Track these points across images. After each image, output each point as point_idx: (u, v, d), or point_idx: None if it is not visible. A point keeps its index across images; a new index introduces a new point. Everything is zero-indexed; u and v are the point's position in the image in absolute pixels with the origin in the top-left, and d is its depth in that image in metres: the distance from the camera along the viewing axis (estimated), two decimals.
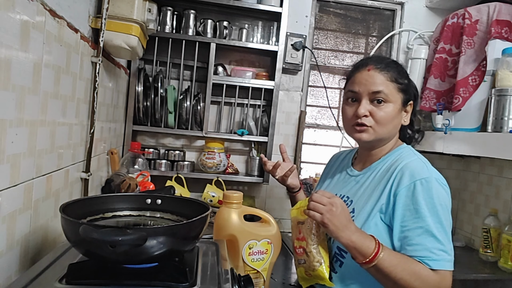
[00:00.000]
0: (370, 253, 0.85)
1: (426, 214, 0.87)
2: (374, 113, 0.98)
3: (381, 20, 2.37)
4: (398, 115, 1.01)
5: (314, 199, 0.89)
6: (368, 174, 1.03)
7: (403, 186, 0.91)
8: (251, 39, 2.05)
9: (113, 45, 1.25)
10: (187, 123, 1.95)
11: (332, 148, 2.31)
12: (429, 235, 0.86)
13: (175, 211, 0.86)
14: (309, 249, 0.94)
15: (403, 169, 0.93)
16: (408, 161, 0.96)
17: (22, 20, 0.70)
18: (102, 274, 0.64)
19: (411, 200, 0.89)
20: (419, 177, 0.90)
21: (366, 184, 1.01)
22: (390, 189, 0.93)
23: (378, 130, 0.99)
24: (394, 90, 0.98)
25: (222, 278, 0.67)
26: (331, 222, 0.87)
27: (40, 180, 0.84)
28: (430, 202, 0.88)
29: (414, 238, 0.87)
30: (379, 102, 0.98)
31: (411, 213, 0.89)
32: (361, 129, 1.00)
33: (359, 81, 1.00)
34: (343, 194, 1.05)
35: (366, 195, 0.99)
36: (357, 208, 0.98)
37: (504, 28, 1.69)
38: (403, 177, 0.92)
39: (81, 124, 1.12)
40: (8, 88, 0.67)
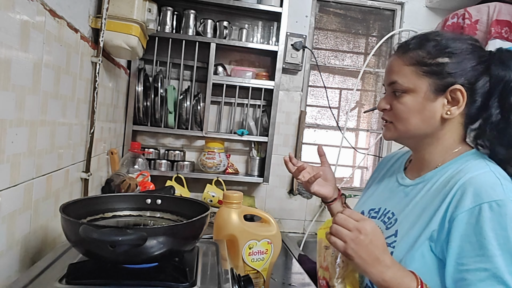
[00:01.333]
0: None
1: (494, 252, 0.64)
2: (393, 107, 0.82)
3: (381, 20, 2.37)
4: (428, 105, 0.78)
5: (338, 221, 0.71)
6: (421, 186, 0.81)
7: (464, 209, 0.68)
8: (251, 39, 2.05)
9: (113, 45, 1.25)
10: (187, 123, 1.95)
11: (332, 148, 2.31)
12: (497, 282, 0.63)
13: (175, 211, 0.86)
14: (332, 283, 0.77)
15: (466, 185, 0.70)
16: (475, 174, 0.71)
17: (22, 20, 0.70)
18: (102, 274, 0.64)
19: (473, 230, 0.66)
20: (488, 198, 0.67)
21: (417, 200, 0.79)
22: (445, 211, 0.71)
23: (398, 126, 0.82)
24: (414, 76, 0.78)
25: (222, 278, 0.67)
26: (356, 254, 0.68)
27: (40, 180, 0.84)
28: (503, 235, 0.64)
29: (474, 283, 0.65)
30: (397, 93, 0.81)
31: (473, 248, 0.66)
32: (383, 125, 0.87)
33: (385, 71, 0.86)
34: (387, 209, 0.85)
35: (414, 214, 0.77)
36: (401, 230, 0.78)
37: (504, 28, 1.69)
38: (464, 196, 0.69)
39: (81, 124, 1.12)
40: (8, 88, 0.67)
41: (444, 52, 0.77)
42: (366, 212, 0.91)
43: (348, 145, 2.29)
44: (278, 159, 2.22)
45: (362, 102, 2.42)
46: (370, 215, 0.89)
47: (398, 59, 0.81)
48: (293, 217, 2.26)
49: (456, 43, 0.78)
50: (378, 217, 0.86)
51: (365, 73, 2.35)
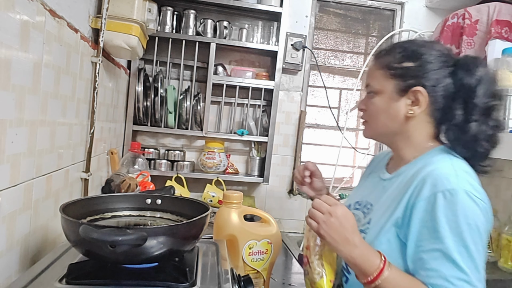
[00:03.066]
0: (372, 272, 0.74)
1: (445, 234, 0.73)
2: (367, 107, 0.92)
3: (381, 20, 2.37)
4: (392, 104, 0.86)
5: (314, 205, 0.80)
6: (395, 179, 0.89)
7: (422, 198, 0.76)
8: (251, 39, 2.05)
9: (113, 45, 1.25)
10: (187, 123, 1.95)
11: (332, 148, 2.31)
12: (447, 260, 0.72)
13: (175, 211, 0.86)
14: (311, 260, 0.87)
15: (426, 177, 0.78)
16: (435, 167, 0.79)
17: (22, 20, 0.70)
18: (102, 274, 0.64)
19: (429, 216, 0.75)
20: (443, 187, 0.75)
21: (390, 192, 0.88)
22: (408, 200, 0.79)
23: (371, 124, 0.91)
24: (382, 78, 0.87)
25: (222, 278, 0.67)
26: (327, 233, 0.77)
27: (40, 180, 0.84)
28: (453, 219, 0.73)
29: (429, 261, 0.74)
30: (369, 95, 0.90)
31: (429, 231, 0.75)
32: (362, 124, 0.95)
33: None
34: (368, 201, 0.94)
35: (385, 205, 0.86)
36: (373, 218, 0.87)
37: (504, 28, 1.69)
38: (424, 186, 0.77)
39: (81, 124, 1.12)
40: (8, 88, 0.67)
41: (409, 57, 0.85)
42: (352, 205, 0.98)
43: (348, 145, 2.29)
44: (278, 159, 2.22)
45: None
46: (355, 207, 0.97)
47: (372, 64, 0.91)
48: (293, 217, 2.26)
49: (422, 49, 0.85)
50: (360, 208, 0.94)
51: (365, 73, 2.35)
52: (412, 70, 0.84)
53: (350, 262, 0.78)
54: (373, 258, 0.76)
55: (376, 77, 0.88)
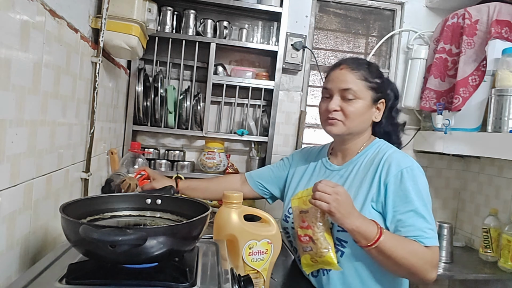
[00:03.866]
0: (373, 237, 0.91)
1: (414, 198, 0.97)
2: (344, 108, 1.07)
3: (381, 20, 2.37)
4: (368, 111, 1.10)
5: (319, 189, 0.92)
6: (350, 167, 1.11)
7: (391, 175, 1.00)
8: (251, 39, 2.05)
9: (113, 45, 1.25)
10: (187, 123, 1.95)
11: None
12: (419, 217, 0.96)
13: (175, 211, 0.86)
14: (316, 237, 0.98)
15: (389, 160, 1.03)
16: (391, 152, 1.06)
17: (22, 20, 0.70)
18: (102, 274, 0.64)
19: (399, 187, 0.99)
20: (404, 165, 1.01)
21: (352, 177, 1.09)
22: (379, 180, 1.02)
23: (348, 124, 1.08)
24: (363, 88, 1.07)
25: (222, 278, 0.67)
26: (337, 210, 0.91)
27: (40, 180, 0.84)
28: (416, 187, 0.98)
29: (406, 220, 0.97)
30: (349, 98, 1.06)
31: (401, 199, 0.98)
32: (331, 123, 1.09)
33: (332, 79, 1.11)
34: None
35: (354, 186, 1.06)
36: None
37: (504, 28, 1.69)
38: (390, 167, 1.02)
39: (81, 124, 1.12)
40: (8, 88, 0.67)
41: (380, 75, 1.13)
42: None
43: None
44: (278, 159, 2.21)
45: None
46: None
47: (349, 73, 1.08)
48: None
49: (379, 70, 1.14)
50: None
51: None
52: (380, 85, 1.11)
53: (354, 231, 0.92)
54: (371, 225, 0.93)
55: (357, 85, 1.07)
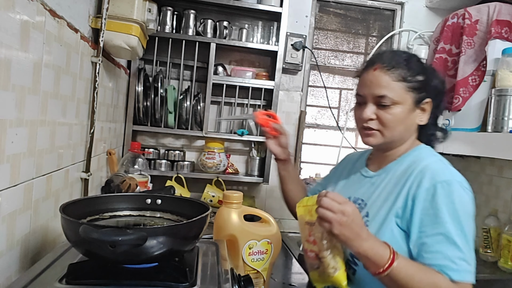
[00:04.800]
0: (384, 263, 0.78)
1: (446, 220, 0.80)
2: (381, 116, 0.92)
3: (381, 20, 2.37)
4: (409, 115, 0.93)
5: (323, 205, 0.80)
6: (383, 175, 0.97)
7: (423, 189, 0.84)
8: (251, 39, 2.05)
9: (113, 45, 1.25)
10: (187, 123, 1.95)
11: (332, 148, 2.31)
12: (449, 243, 0.80)
13: (175, 211, 0.86)
14: (322, 255, 0.87)
15: (423, 171, 0.87)
16: (428, 162, 0.89)
17: (22, 20, 0.70)
18: (102, 274, 0.64)
19: (430, 204, 0.83)
20: (441, 179, 0.84)
21: (382, 186, 0.95)
22: (408, 192, 0.87)
23: (386, 133, 0.93)
24: (402, 91, 0.91)
25: (222, 278, 0.67)
26: (341, 232, 0.79)
27: (40, 180, 0.84)
28: (452, 207, 0.81)
29: (433, 245, 0.80)
30: (385, 105, 0.91)
31: (430, 218, 0.82)
32: (368, 133, 0.95)
33: (365, 83, 0.95)
34: (357, 197, 0.98)
35: (381, 198, 0.92)
36: (371, 212, 0.91)
37: (504, 28, 1.69)
38: (423, 179, 0.86)
39: (81, 124, 1.12)
40: (8, 88, 0.67)
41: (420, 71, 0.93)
42: None
43: (348, 145, 2.29)
44: None
45: None
46: None
47: (384, 75, 0.92)
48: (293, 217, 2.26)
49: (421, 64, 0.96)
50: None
51: None
52: (423, 83, 0.93)
53: (361, 255, 0.80)
54: (382, 249, 0.79)
55: (394, 89, 0.91)
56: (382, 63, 0.93)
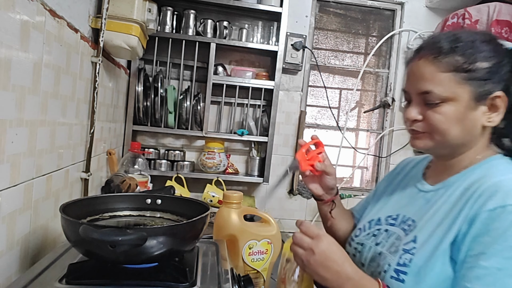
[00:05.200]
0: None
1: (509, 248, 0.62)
2: (427, 117, 0.74)
3: (381, 20, 2.37)
4: (468, 114, 0.72)
5: (294, 241, 0.71)
6: (442, 191, 0.77)
7: (485, 209, 0.66)
8: (251, 39, 2.05)
9: (113, 45, 1.25)
10: (187, 123, 1.95)
11: (332, 148, 2.31)
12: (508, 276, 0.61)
13: (175, 211, 0.86)
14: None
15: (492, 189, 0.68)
16: (502, 179, 0.69)
17: (22, 20, 0.70)
18: (102, 274, 0.64)
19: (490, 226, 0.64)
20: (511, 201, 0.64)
21: (438, 206, 0.75)
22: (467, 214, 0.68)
23: (436, 137, 0.75)
24: (454, 83, 0.71)
25: (222, 278, 0.67)
26: (313, 271, 0.69)
27: (40, 180, 0.84)
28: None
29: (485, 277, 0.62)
30: (431, 103, 0.73)
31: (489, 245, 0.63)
32: (414, 136, 0.79)
33: (408, 76, 0.78)
34: (407, 216, 0.81)
35: (435, 221, 0.73)
36: (420, 236, 0.73)
37: (504, 28, 1.69)
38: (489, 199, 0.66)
39: (81, 124, 1.12)
40: (8, 88, 0.67)
41: (482, 56, 0.71)
42: (383, 219, 0.86)
43: (348, 145, 2.29)
44: (278, 159, 2.22)
45: (362, 102, 2.42)
46: (388, 222, 0.84)
47: (430, 65, 0.73)
48: (293, 217, 2.26)
49: (491, 45, 0.73)
50: (396, 225, 0.82)
51: (365, 73, 2.35)
52: (489, 72, 0.71)
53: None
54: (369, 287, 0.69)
55: (442, 82, 0.72)
56: (428, 49, 0.74)
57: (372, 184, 2.42)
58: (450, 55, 0.72)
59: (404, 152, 2.32)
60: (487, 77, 0.71)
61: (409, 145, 2.30)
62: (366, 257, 0.83)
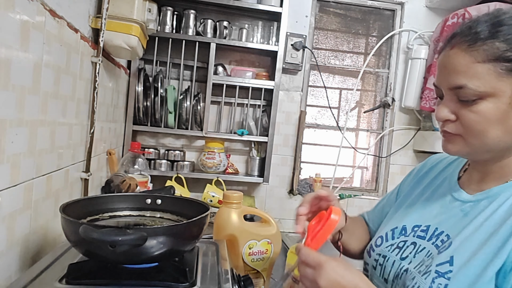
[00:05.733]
0: None
1: None
2: (461, 117, 0.64)
3: (381, 20, 2.37)
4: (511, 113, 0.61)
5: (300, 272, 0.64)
6: (484, 203, 0.66)
7: None
8: (251, 39, 2.05)
9: (113, 45, 1.25)
10: (187, 123, 1.95)
11: (332, 148, 2.31)
12: None
13: (175, 211, 0.86)
14: None
15: None
16: None
17: (22, 20, 0.70)
18: (102, 274, 0.64)
19: None
20: None
21: (479, 221, 0.64)
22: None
23: (472, 139, 0.64)
24: (494, 76, 0.60)
25: (222, 278, 0.67)
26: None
27: (40, 180, 0.84)
28: None
29: None
30: (467, 100, 0.62)
31: None
32: (446, 139, 0.68)
33: (439, 68, 0.67)
34: (440, 230, 0.70)
35: (477, 240, 0.62)
36: (458, 258, 0.62)
37: None
38: None
39: (81, 124, 1.12)
40: (8, 88, 0.67)
41: None
42: (410, 229, 0.75)
43: (348, 145, 2.29)
44: (278, 159, 2.22)
45: (362, 102, 2.42)
46: (416, 233, 0.73)
47: (463, 55, 0.62)
48: (293, 217, 2.25)
49: None
50: (427, 238, 0.71)
51: (365, 73, 2.35)
52: None
53: None
54: None
55: (478, 75, 0.60)
56: (461, 36, 0.63)
57: (372, 184, 2.42)
58: (489, 42, 0.60)
59: (404, 152, 2.32)
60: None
61: (411, 145, 2.30)
62: (389, 272, 0.73)
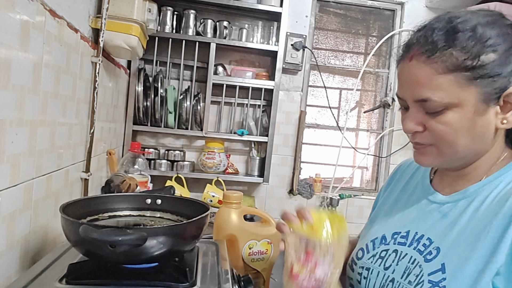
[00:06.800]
0: None
1: None
2: (430, 127, 0.63)
3: (381, 20, 2.37)
4: (478, 119, 0.60)
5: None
6: (463, 203, 0.65)
7: None
8: (251, 39, 2.05)
9: (113, 45, 1.25)
10: (187, 123, 1.95)
11: (332, 148, 2.31)
12: None
13: (175, 211, 0.86)
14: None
15: None
16: None
17: (22, 20, 0.70)
18: (102, 274, 0.64)
19: None
20: None
21: (463, 222, 0.63)
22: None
23: (445, 148, 0.63)
24: (456, 86, 0.58)
25: (222, 278, 0.67)
26: None
27: (40, 180, 0.84)
28: None
29: None
30: (432, 112, 0.61)
31: None
32: (418, 151, 0.67)
33: (401, 80, 0.65)
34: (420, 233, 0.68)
35: (464, 242, 0.60)
36: (450, 264, 0.60)
37: None
38: None
39: (81, 124, 1.12)
40: (8, 88, 0.67)
41: (486, 46, 0.57)
42: (389, 237, 0.73)
43: (348, 145, 2.29)
44: (278, 159, 2.22)
45: (362, 102, 2.42)
46: (396, 240, 0.71)
47: (423, 67, 0.60)
48: None
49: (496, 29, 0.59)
50: (408, 244, 0.69)
51: (365, 73, 2.35)
52: (498, 64, 0.57)
53: None
54: None
55: (442, 86, 0.59)
56: (419, 46, 0.61)
57: (372, 184, 2.42)
58: (447, 52, 0.58)
59: (404, 152, 2.32)
60: (496, 72, 0.57)
61: (411, 145, 2.30)
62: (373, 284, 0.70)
